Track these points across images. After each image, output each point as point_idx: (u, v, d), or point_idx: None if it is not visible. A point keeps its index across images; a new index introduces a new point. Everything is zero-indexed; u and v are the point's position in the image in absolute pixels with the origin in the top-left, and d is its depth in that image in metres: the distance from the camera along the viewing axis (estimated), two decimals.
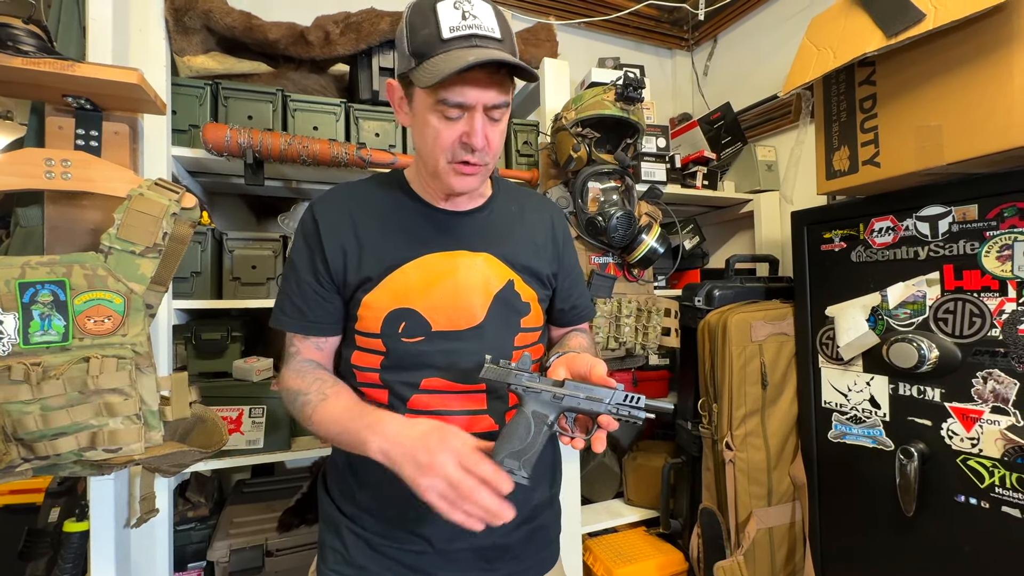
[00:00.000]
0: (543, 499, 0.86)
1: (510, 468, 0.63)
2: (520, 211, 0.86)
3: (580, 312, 0.93)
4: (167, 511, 1.13)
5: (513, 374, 0.69)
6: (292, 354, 0.80)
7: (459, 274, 0.76)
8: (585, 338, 0.91)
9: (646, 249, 1.23)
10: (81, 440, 0.82)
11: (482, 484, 0.58)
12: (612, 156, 1.26)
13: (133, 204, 0.86)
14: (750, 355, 1.32)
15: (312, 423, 0.72)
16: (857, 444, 1.20)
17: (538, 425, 0.66)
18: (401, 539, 0.76)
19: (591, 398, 0.66)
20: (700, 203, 1.99)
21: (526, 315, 0.81)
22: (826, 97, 1.14)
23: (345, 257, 0.76)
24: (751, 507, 1.30)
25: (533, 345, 0.84)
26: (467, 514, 0.58)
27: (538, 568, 0.85)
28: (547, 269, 0.84)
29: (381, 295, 0.75)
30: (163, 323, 1.15)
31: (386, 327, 0.75)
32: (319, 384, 0.74)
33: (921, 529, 1.08)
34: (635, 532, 1.67)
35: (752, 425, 1.32)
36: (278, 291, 0.82)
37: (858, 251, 1.19)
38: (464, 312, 0.76)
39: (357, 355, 0.79)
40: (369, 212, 0.78)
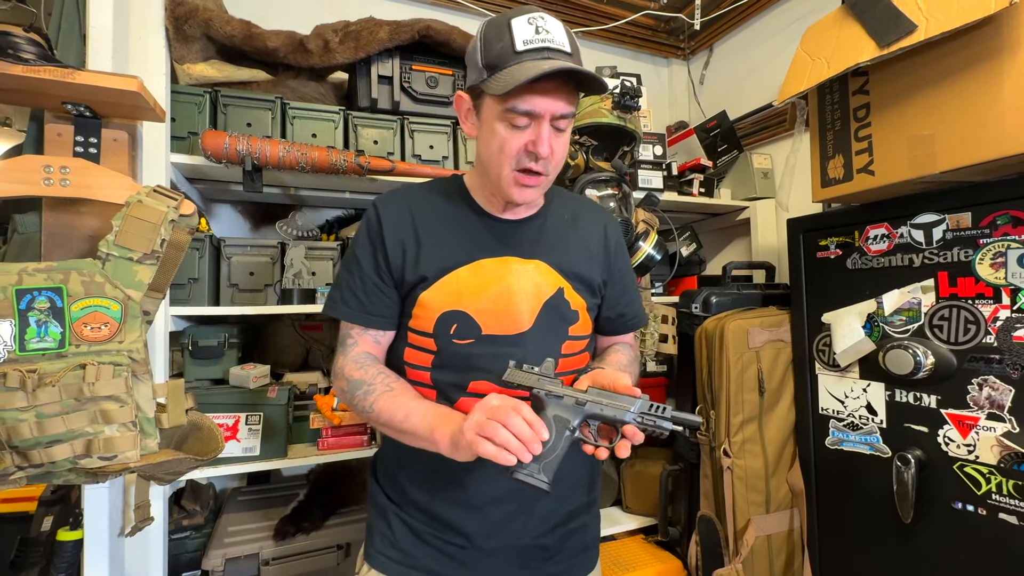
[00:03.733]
0: (580, 504, 0.87)
1: (529, 472, 0.62)
2: (573, 219, 0.87)
3: (627, 321, 0.93)
4: (162, 519, 1.12)
5: (535, 378, 0.69)
6: (350, 346, 0.81)
7: (511, 280, 0.78)
8: (625, 355, 0.90)
9: (643, 256, 1.24)
10: (76, 448, 0.82)
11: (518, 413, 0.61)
12: (609, 164, 1.27)
13: (131, 211, 0.86)
14: (747, 362, 1.32)
15: (373, 410, 0.74)
16: (854, 451, 1.20)
17: (559, 430, 0.66)
18: (444, 531, 0.79)
19: (614, 405, 0.66)
20: (697, 210, 2.00)
21: (574, 323, 0.82)
22: (820, 106, 1.15)
23: (404, 254, 0.78)
24: (749, 514, 1.29)
25: (580, 353, 0.85)
26: (499, 444, 0.59)
27: (574, 571, 0.86)
28: (598, 277, 0.86)
29: (436, 295, 0.77)
30: (160, 330, 1.15)
31: (439, 327, 0.77)
32: (383, 377, 0.77)
33: (919, 536, 1.07)
34: (633, 540, 1.66)
35: (750, 432, 1.32)
36: (334, 282, 0.84)
37: (853, 258, 1.20)
38: (513, 317, 0.77)
39: (409, 352, 0.81)
40: (429, 213, 0.81)
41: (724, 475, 1.29)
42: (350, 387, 0.77)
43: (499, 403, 0.63)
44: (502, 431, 0.60)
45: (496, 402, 0.63)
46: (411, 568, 0.79)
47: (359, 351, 0.80)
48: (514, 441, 0.60)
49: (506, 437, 0.60)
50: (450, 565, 0.79)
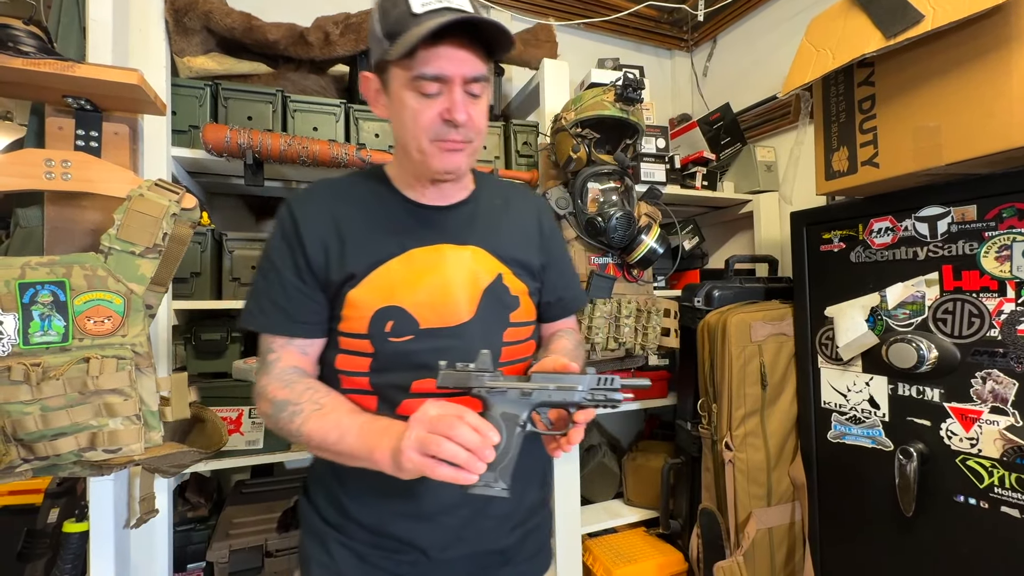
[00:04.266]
0: (535, 501, 0.84)
1: (485, 482, 0.58)
2: (505, 203, 0.84)
3: (567, 304, 0.90)
4: (166, 512, 1.13)
5: (473, 376, 0.63)
6: (271, 362, 0.73)
7: (446, 268, 0.74)
8: (570, 340, 0.88)
9: (645, 249, 1.23)
10: (81, 441, 0.82)
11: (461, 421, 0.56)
12: (612, 157, 1.26)
13: (133, 205, 0.86)
14: (750, 355, 1.32)
15: (302, 433, 0.67)
16: (856, 444, 1.20)
17: (509, 428, 0.62)
18: (393, 549, 0.73)
19: (563, 387, 0.63)
20: (699, 204, 1.99)
21: (515, 309, 0.79)
22: (825, 98, 1.14)
23: (327, 253, 0.73)
24: (751, 507, 1.30)
25: (525, 341, 0.82)
26: (446, 459, 0.55)
27: (534, 572, 0.84)
28: (536, 260, 0.83)
29: (366, 292, 0.72)
30: (163, 324, 1.15)
31: (373, 326, 0.72)
32: (311, 393, 0.69)
33: (920, 529, 1.08)
34: (635, 532, 1.67)
35: (752, 425, 1.32)
36: (250, 290, 0.76)
37: (857, 251, 1.19)
38: (452, 308, 0.73)
39: (343, 359, 0.75)
40: (351, 207, 0.76)
41: (726, 468, 1.29)
42: (274, 410, 0.69)
43: (437, 412, 0.57)
44: (447, 445, 0.55)
45: (434, 412, 0.57)
46: None
47: (283, 366, 0.73)
48: (462, 453, 0.55)
49: (453, 451, 0.55)
50: None
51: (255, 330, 0.75)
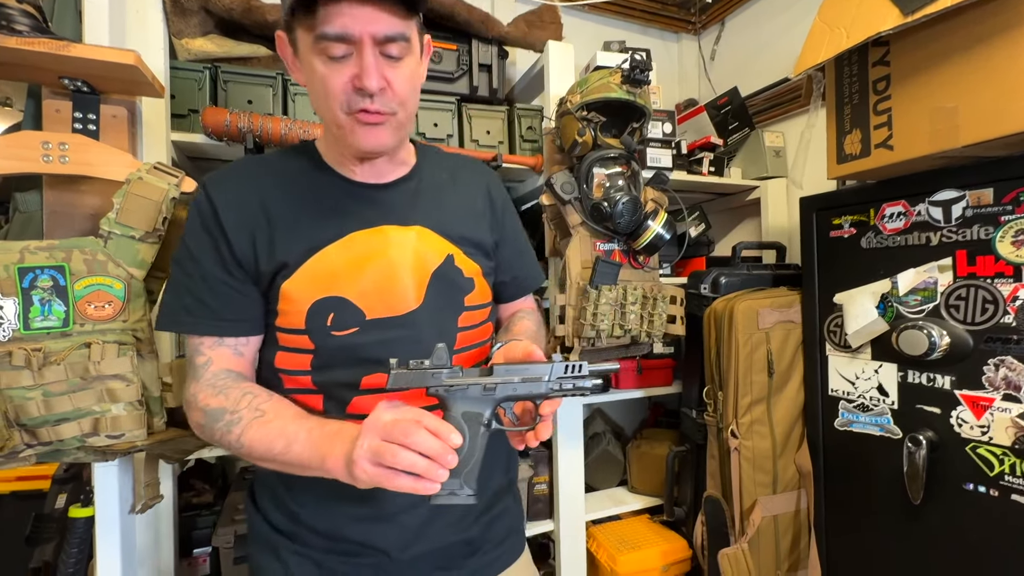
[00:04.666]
0: (500, 486, 0.81)
1: (449, 489, 0.55)
2: (451, 178, 0.78)
3: (523, 282, 0.86)
4: (171, 497, 1.13)
5: (429, 374, 0.58)
6: (200, 366, 0.66)
7: (391, 252, 0.68)
8: (531, 321, 0.84)
9: (652, 235, 1.21)
10: (84, 426, 0.82)
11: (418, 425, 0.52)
12: (618, 141, 1.23)
13: (132, 188, 0.85)
14: (756, 343, 1.30)
15: (242, 445, 0.61)
16: (864, 432, 1.19)
17: (472, 428, 0.58)
18: (352, 553, 0.69)
19: (528, 379, 0.59)
20: (706, 190, 1.96)
21: (470, 292, 0.74)
22: (838, 79, 1.11)
23: (254, 241, 0.66)
24: (756, 495, 1.29)
25: (481, 324, 0.78)
26: (403, 470, 0.51)
27: (504, 559, 0.80)
28: (488, 238, 0.78)
29: (302, 283, 0.66)
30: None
31: (312, 320, 0.66)
32: (249, 399, 0.63)
33: (928, 517, 1.07)
34: (638, 519, 1.67)
35: (758, 413, 1.31)
36: (167, 285, 0.69)
37: (868, 237, 1.17)
38: (399, 295, 0.68)
39: (281, 356, 0.69)
40: (279, 187, 0.68)
41: (731, 456, 1.29)
42: (207, 420, 0.63)
43: (391, 417, 0.53)
44: (403, 454, 0.50)
45: (388, 417, 0.53)
46: None
47: (215, 370, 0.66)
48: (421, 461, 0.51)
49: (410, 460, 0.50)
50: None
51: (179, 332, 0.70)
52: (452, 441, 0.53)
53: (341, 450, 0.55)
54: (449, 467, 0.52)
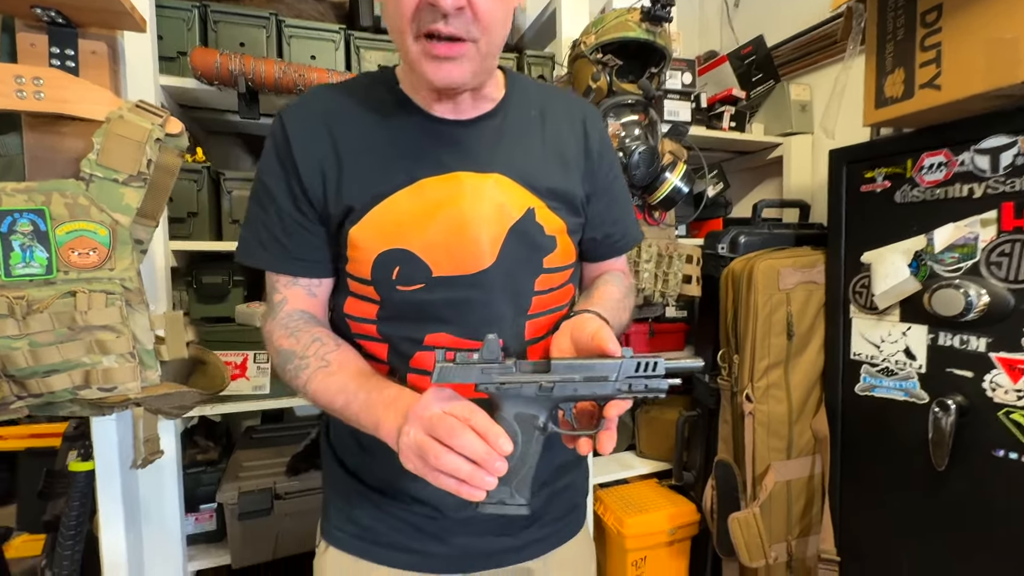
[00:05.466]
0: (568, 458, 0.75)
1: (498, 498, 0.51)
2: (541, 116, 0.68)
3: (616, 242, 0.75)
4: (174, 454, 1.12)
5: (478, 369, 0.52)
6: (277, 304, 0.66)
7: (464, 203, 0.61)
8: (618, 287, 0.74)
9: (669, 188, 1.14)
10: (75, 378, 0.79)
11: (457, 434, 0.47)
12: (635, 86, 1.15)
13: (112, 127, 0.79)
14: (776, 304, 1.24)
15: (308, 392, 0.61)
16: (887, 397, 1.14)
17: (526, 431, 0.52)
18: (408, 501, 0.68)
19: (591, 378, 0.51)
20: (725, 148, 1.87)
21: (550, 252, 0.66)
22: (881, 12, 1.01)
23: (324, 180, 0.62)
24: (769, 460, 1.26)
25: (561, 287, 0.69)
26: (448, 473, 0.48)
27: (561, 535, 0.76)
28: (579, 190, 0.68)
29: (368, 232, 0.61)
30: (160, 264, 1.11)
31: (377, 272, 0.62)
32: (317, 347, 0.62)
33: (951, 484, 1.02)
34: (646, 484, 1.65)
35: (775, 377, 1.26)
36: (245, 221, 0.66)
37: (903, 190, 1.09)
38: (471, 252, 0.61)
39: (351, 303, 0.66)
40: (351, 120, 0.63)
41: (745, 420, 1.24)
42: (280, 360, 0.63)
43: (438, 413, 0.48)
44: (447, 457, 0.46)
45: (436, 409, 0.49)
46: (372, 544, 0.68)
47: (289, 309, 0.65)
48: (465, 466, 0.46)
49: (454, 464, 0.46)
50: (418, 537, 0.68)
51: (255, 266, 0.67)
52: (501, 447, 0.47)
53: (393, 423, 0.52)
54: (497, 474, 0.47)
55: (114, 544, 0.98)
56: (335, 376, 0.59)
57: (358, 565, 0.68)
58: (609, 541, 1.50)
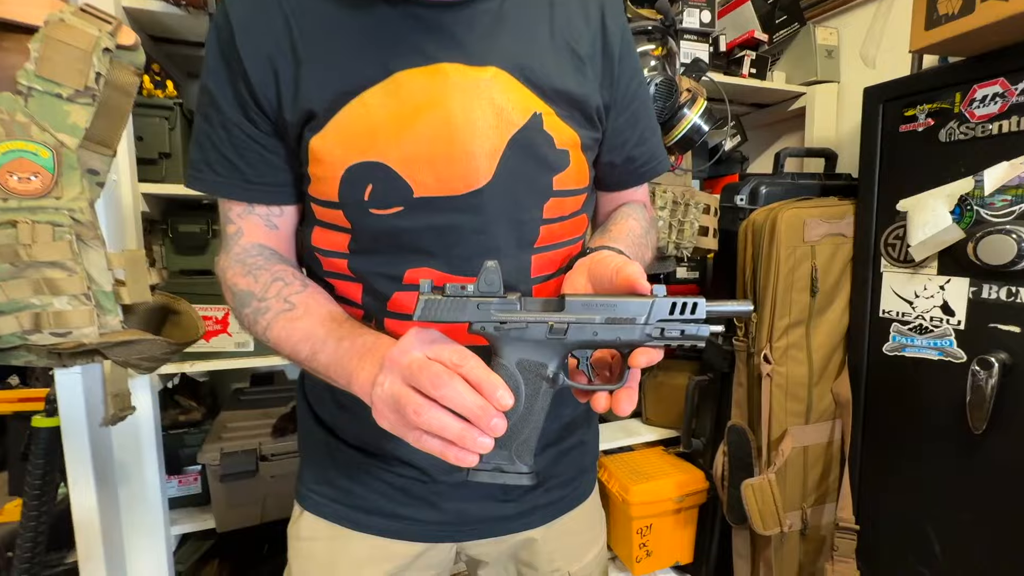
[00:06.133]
0: (577, 414, 0.66)
1: (495, 463, 0.42)
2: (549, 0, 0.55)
3: (638, 167, 0.63)
4: (151, 412, 1.05)
5: (473, 304, 0.41)
6: (231, 236, 0.56)
7: (452, 103, 0.49)
8: (639, 220, 0.62)
9: (688, 126, 1.03)
10: (23, 321, 0.71)
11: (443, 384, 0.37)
12: (653, 10, 1.03)
13: (51, 32, 0.68)
14: (800, 258, 1.14)
15: (269, 339, 0.51)
16: (918, 357, 1.05)
17: (531, 383, 0.42)
18: (392, 463, 0.59)
19: (615, 320, 0.41)
20: (743, 100, 1.74)
21: (561, 170, 0.54)
22: None
23: (277, 78, 0.50)
24: (786, 424, 1.18)
25: (572, 217, 0.58)
26: (433, 433, 0.39)
27: (568, 500, 0.66)
28: (596, 97, 0.55)
29: (333, 141, 0.50)
30: (128, 208, 1.01)
31: (346, 192, 0.51)
32: (280, 287, 0.52)
33: (989, 449, 0.95)
34: (652, 451, 1.59)
35: (795, 337, 1.17)
36: (192, 135, 0.56)
37: (950, 128, 0.98)
38: (461, 166, 0.50)
39: (319, 234, 0.56)
40: (311, 4, 0.50)
41: (762, 383, 1.16)
42: (236, 302, 0.54)
43: (420, 358, 0.39)
44: (430, 412, 0.37)
45: (417, 354, 0.39)
46: (352, 508, 0.60)
47: (246, 243, 0.55)
48: (454, 425, 0.37)
49: (440, 421, 0.37)
50: (405, 502, 0.59)
51: (202, 191, 0.56)
52: (500, 401, 0.38)
53: (369, 374, 0.43)
54: (493, 434, 0.38)
55: (84, 505, 0.91)
56: (300, 321, 0.50)
57: (336, 532, 0.60)
58: (613, 509, 1.44)
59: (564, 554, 0.66)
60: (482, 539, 0.63)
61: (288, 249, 0.59)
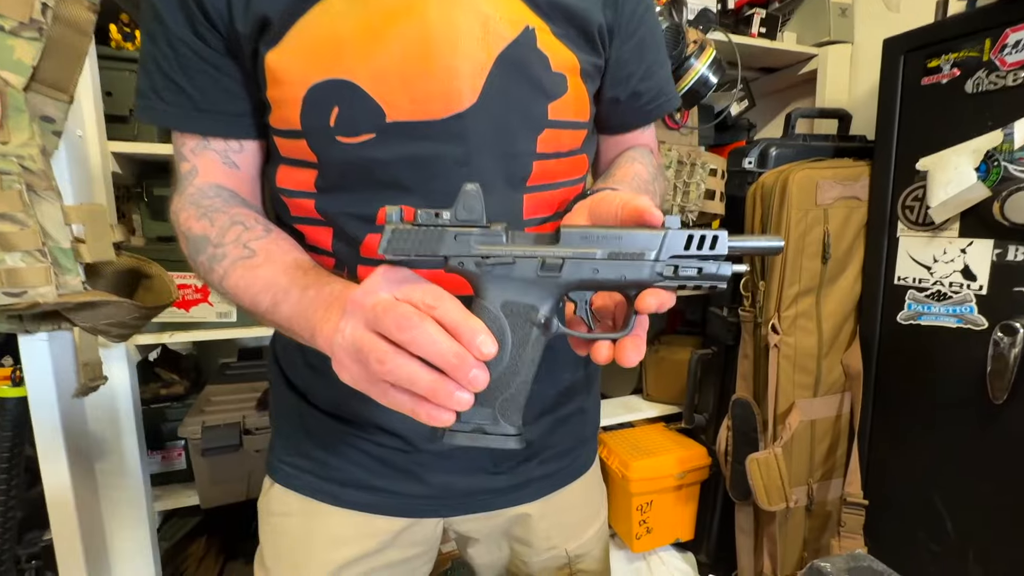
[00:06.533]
0: (577, 379, 0.60)
1: (475, 423, 0.36)
2: None
3: (643, 104, 0.56)
4: (128, 384, 1.00)
5: (449, 235, 0.35)
6: (185, 175, 0.49)
7: (429, 11, 0.42)
8: (644, 165, 0.56)
9: (695, 77, 0.96)
10: None
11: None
12: None
13: None
14: (812, 222, 1.08)
15: (225, 288, 0.45)
16: (935, 325, 1.00)
17: (519, 329, 0.36)
18: (370, 430, 0.53)
19: (620, 255, 0.35)
20: (750, 64, 1.66)
21: (558, 97, 0.48)
22: None
23: None
24: (794, 397, 1.13)
25: (572, 154, 0.51)
26: (402, 387, 0.32)
27: (566, 473, 0.61)
28: (598, 15, 0.49)
29: (292, 56, 0.43)
30: (96, 168, 0.95)
31: (309, 116, 0.45)
32: (239, 231, 0.45)
33: (1009, 420, 0.90)
34: (653, 427, 1.55)
35: (805, 306, 1.12)
36: (139, 59, 0.49)
37: (977, 78, 0.91)
38: (441, 85, 0.44)
39: (283, 172, 0.49)
40: None
41: (770, 354, 1.11)
42: (190, 248, 0.47)
43: (387, 299, 0.32)
44: (398, 361, 0.31)
45: (384, 295, 0.33)
46: (328, 481, 0.54)
47: (201, 183, 0.49)
48: (424, 377, 0.31)
49: (408, 372, 0.31)
50: (385, 474, 0.54)
51: (149, 122, 0.51)
52: (480, 348, 0.32)
53: (335, 324, 0.37)
54: (473, 388, 0.32)
55: (56, 481, 0.87)
56: (261, 269, 0.43)
57: (310, 507, 0.55)
58: (613, 485, 1.41)
59: (561, 531, 0.61)
60: (471, 514, 0.58)
61: (251, 193, 0.53)
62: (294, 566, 0.55)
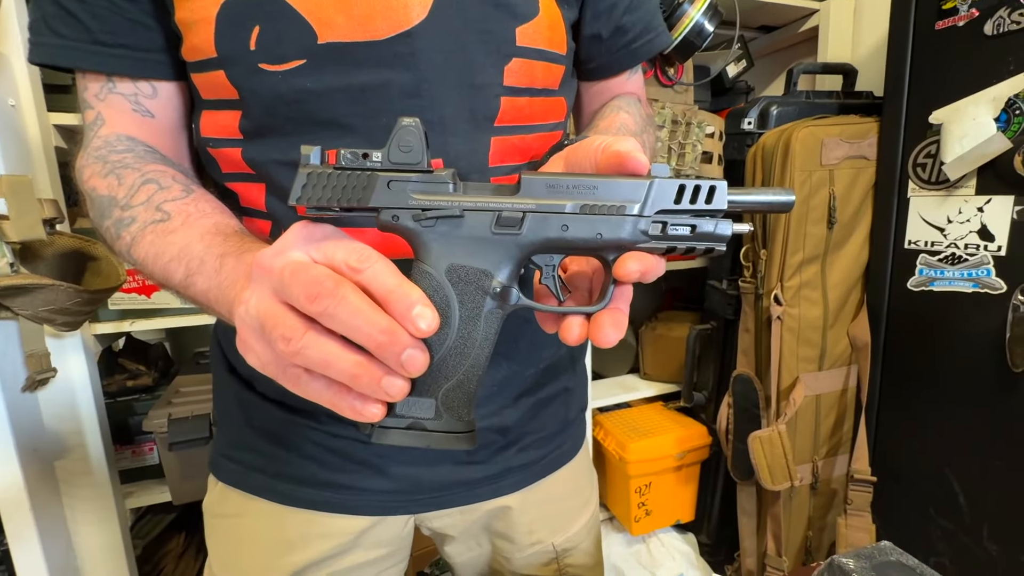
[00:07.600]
0: (560, 356, 0.54)
1: (410, 417, 0.28)
2: None
3: (629, 42, 0.50)
4: (86, 377, 0.93)
5: (382, 180, 0.27)
6: (90, 125, 0.42)
7: None
8: (631, 114, 0.50)
9: (689, 25, 0.88)
10: None
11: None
12: None
13: None
14: (817, 184, 1.01)
15: (134, 259, 0.38)
16: (948, 291, 0.94)
17: (469, 298, 0.28)
18: (323, 420, 0.47)
19: (595, 206, 0.28)
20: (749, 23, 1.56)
21: (527, 20, 0.40)
22: None
23: None
24: (798, 371, 1.07)
25: (547, 94, 0.44)
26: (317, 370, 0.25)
27: (550, 461, 0.55)
28: None
29: None
30: (35, 141, 0.87)
31: (224, 40, 0.37)
32: (151, 190, 0.38)
33: None
34: (651, 407, 1.49)
35: (809, 274, 1.05)
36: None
37: (998, 18, 0.83)
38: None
39: (207, 118, 0.43)
40: None
41: (772, 327, 1.05)
42: (95, 211, 0.40)
43: (299, 260, 0.26)
44: (308, 338, 0.24)
45: (297, 255, 0.26)
46: (277, 478, 0.48)
47: (108, 135, 0.42)
48: (344, 358, 0.24)
49: (323, 352, 0.24)
50: (343, 469, 0.47)
51: (43, 63, 0.41)
52: (416, 322, 0.24)
53: (240, 296, 0.29)
54: (408, 372, 0.25)
55: (8, 481, 0.80)
56: (175, 235, 0.36)
57: (259, 507, 0.48)
58: (610, 468, 1.36)
59: (546, 523, 0.55)
60: (443, 509, 0.52)
61: (172, 148, 0.45)
62: (244, 573, 0.49)
